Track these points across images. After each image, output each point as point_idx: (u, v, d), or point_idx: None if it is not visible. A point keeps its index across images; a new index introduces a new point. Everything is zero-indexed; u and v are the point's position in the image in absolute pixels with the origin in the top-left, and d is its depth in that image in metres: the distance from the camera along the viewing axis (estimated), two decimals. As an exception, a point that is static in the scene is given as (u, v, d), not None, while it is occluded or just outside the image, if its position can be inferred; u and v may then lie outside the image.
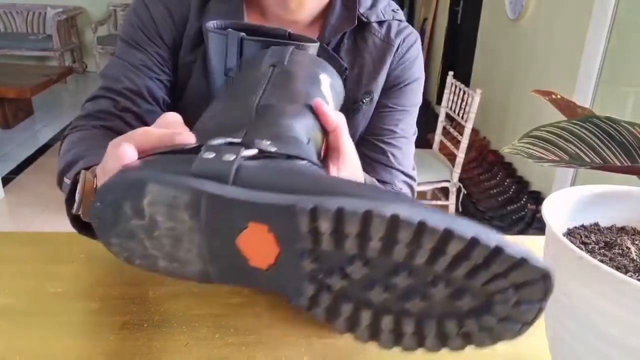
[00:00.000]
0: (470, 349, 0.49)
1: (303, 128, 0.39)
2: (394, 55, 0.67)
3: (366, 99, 0.66)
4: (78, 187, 0.43)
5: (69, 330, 0.50)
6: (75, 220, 0.46)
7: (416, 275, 0.28)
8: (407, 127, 0.70)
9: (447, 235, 0.25)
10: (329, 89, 0.46)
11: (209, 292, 0.55)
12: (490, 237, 0.25)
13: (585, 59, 1.87)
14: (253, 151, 0.32)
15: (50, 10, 4.43)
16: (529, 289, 0.27)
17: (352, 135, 0.62)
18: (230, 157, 0.30)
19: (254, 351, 0.47)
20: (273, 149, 0.33)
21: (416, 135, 0.73)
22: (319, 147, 0.42)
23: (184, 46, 0.63)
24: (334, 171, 0.43)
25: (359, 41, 0.66)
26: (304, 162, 0.34)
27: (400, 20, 0.69)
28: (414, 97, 0.70)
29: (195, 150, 0.32)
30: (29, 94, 2.96)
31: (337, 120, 0.43)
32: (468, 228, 0.25)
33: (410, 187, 0.71)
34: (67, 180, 0.48)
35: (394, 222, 0.26)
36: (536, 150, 0.38)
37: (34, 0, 4.56)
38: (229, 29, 0.50)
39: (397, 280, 0.28)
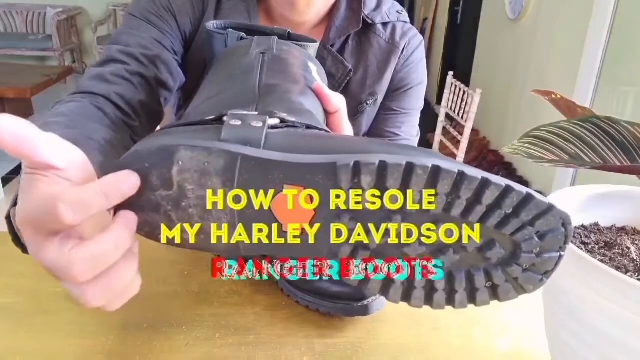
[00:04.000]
0: (470, 348, 0.49)
1: (311, 106, 0.39)
2: (399, 58, 0.67)
3: (370, 101, 0.67)
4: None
5: (68, 330, 0.50)
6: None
7: (452, 228, 0.29)
8: (410, 129, 0.70)
9: (484, 184, 0.27)
10: (318, 77, 0.46)
11: (209, 292, 0.55)
12: (520, 186, 0.27)
13: (585, 58, 1.87)
14: (275, 120, 0.31)
15: (50, 10, 4.43)
16: (552, 236, 0.28)
17: (356, 136, 0.63)
18: (257, 123, 0.30)
19: (254, 351, 0.47)
20: (293, 119, 0.33)
21: (419, 137, 0.73)
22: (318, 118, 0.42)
23: (196, 43, 0.62)
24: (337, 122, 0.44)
25: (364, 42, 0.66)
26: (322, 131, 0.34)
27: (404, 22, 0.69)
28: (417, 100, 0.71)
29: (217, 120, 0.31)
30: (28, 94, 2.96)
31: (338, 103, 0.43)
32: (500, 179, 0.27)
33: None
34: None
35: (436, 172, 0.26)
36: (536, 150, 0.38)
37: (33, 0, 4.55)
38: (229, 29, 0.50)
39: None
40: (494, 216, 0.28)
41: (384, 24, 0.67)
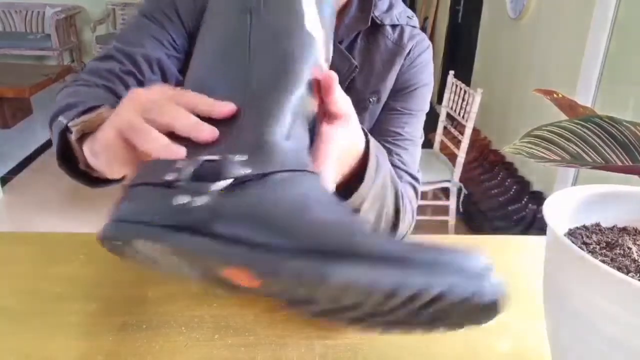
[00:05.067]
0: (470, 348, 0.49)
1: (293, 107, 0.38)
2: (405, 59, 0.68)
3: (373, 99, 0.68)
4: (85, 117, 0.43)
5: (68, 331, 0.50)
6: (68, 161, 0.46)
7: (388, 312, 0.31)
8: (414, 130, 0.71)
9: (417, 295, 0.28)
10: (313, 6, 0.42)
11: (208, 293, 0.55)
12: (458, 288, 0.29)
13: (587, 58, 1.86)
14: (227, 182, 0.32)
15: (49, 9, 4.43)
16: (475, 316, 0.32)
17: None
18: (202, 200, 0.31)
19: (253, 352, 0.47)
20: (248, 171, 0.33)
21: (423, 139, 0.74)
22: (308, 113, 0.40)
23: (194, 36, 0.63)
24: (333, 131, 0.41)
25: (371, 42, 0.68)
26: (282, 174, 0.34)
27: (413, 27, 0.70)
28: (422, 102, 0.71)
29: (173, 184, 0.33)
30: (27, 94, 2.96)
31: (345, 107, 0.42)
32: (441, 280, 0.28)
33: (414, 188, 0.70)
34: (63, 120, 0.45)
35: (390, 294, 0.28)
36: (538, 150, 0.37)
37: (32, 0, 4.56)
38: None
39: (364, 311, 0.32)
40: (426, 309, 0.30)
41: (393, 26, 0.68)
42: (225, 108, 0.36)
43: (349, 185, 0.49)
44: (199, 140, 0.35)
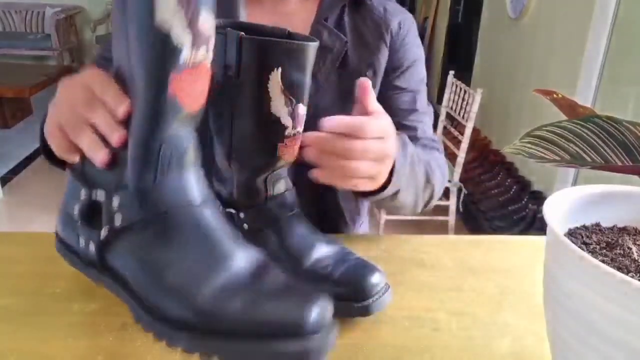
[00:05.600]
0: (470, 348, 0.49)
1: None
2: (393, 37, 0.71)
3: (369, 72, 0.71)
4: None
5: (67, 331, 0.50)
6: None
7: None
8: (423, 102, 0.76)
9: None
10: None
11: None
12: None
13: (587, 58, 1.86)
14: (106, 232, 0.38)
15: (49, 9, 4.42)
16: None
17: None
18: (91, 248, 0.39)
19: (253, 352, 0.47)
20: (120, 222, 0.37)
21: (431, 107, 0.78)
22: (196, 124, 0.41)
23: None
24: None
25: (357, 19, 0.71)
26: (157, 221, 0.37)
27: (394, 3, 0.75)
28: (422, 75, 0.76)
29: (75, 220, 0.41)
30: (27, 94, 2.96)
31: (366, 82, 0.53)
32: None
33: (438, 149, 0.76)
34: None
35: None
36: (537, 150, 0.37)
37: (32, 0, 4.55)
38: (228, 28, 0.50)
39: None
40: None
41: (375, 2, 0.72)
42: (120, 110, 0.38)
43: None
44: (95, 162, 0.39)
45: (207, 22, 0.34)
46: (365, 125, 0.48)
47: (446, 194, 2.22)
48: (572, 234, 0.40)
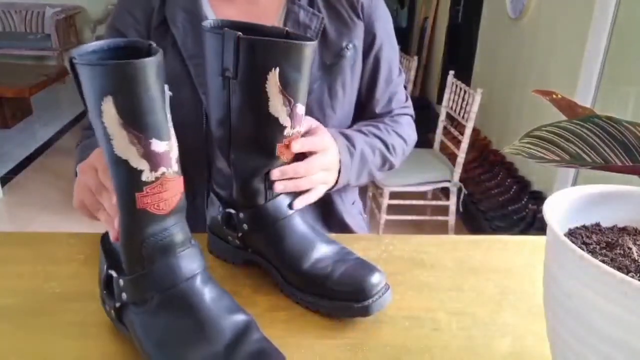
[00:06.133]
0: (470, 348, 0.49)
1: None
2: (365, 9, 0.73)
3: (350, 46, 0.72)
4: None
5: (67, 331, 0.50)
6: None
7: None
8: (397, 69, 0.80)
9: None
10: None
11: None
12: None
13: (587, 58, 1.86)
14: (117, 304, 0.47)
15: (48, 9, 4.42)
16: None
17: (342, 83, 0.72)
18: (112, 310, 0.48)
19: (253, 352, 0.47)
20: (128, 301, 0.46)
21: (403, 72, 0.82)
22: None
23: (152, 38, 0.68)
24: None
25: None
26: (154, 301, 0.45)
27: None
28: (394, 43, 0.79)
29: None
30: (27, 94, 2.96)
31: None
32: None
33: (410, 115, 0.83)
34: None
35: None
36: (537, 150, 0.37)
37: (32, 0, 4.55)
38: (225, 28, 0.50)
39: None
40: None
41: None
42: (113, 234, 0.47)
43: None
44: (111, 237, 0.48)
45: (160, 147, 0.41)
46: (311, 158, 0.60)
47: (446, 194, 2.22)
48: (572, 234, 0.40)
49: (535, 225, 2.02)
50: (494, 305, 0.56)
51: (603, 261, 0.35)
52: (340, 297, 0.51)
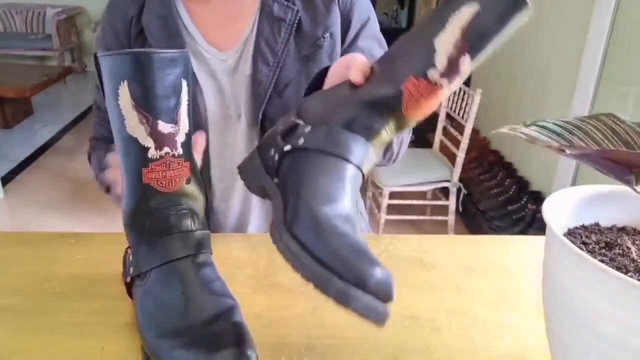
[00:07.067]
0: (470, 348, 0.49)
1: None
2: (341, 2, 0.71)
3: (326, 35, 0.71)
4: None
5: (68, 331, 0.50)
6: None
7: None
8: (381, 49, 0.75)
9: None
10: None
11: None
12: None
13: (586, 58, 1.86)
14: (128, 277, 0.50)
15: (49, 9, 4.42)
16: None
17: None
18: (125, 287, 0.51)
19: (253, 351, 0.47)
20: (134, 274, 0.48)
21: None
22: None
23: (133, 48, 0.70)
24: None
25: None
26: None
27: None
28: (375, 28, 0.75)
29: None
30: (28, 94, 2.96)
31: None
32: None
33: None
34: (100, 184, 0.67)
35: None
36: (543, 134, 0.38)
37: (33, 0, 4.55)
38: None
39: None
40: None
41: None
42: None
43: None
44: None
45: (165, 129, 0.47)
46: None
47: (446, 193, 2.22)
48: (571, 233, 0.40)
49: (534, 225, 2.02)
50: (494, 305, 0.56)
51: (602, 261, 0.35)
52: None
